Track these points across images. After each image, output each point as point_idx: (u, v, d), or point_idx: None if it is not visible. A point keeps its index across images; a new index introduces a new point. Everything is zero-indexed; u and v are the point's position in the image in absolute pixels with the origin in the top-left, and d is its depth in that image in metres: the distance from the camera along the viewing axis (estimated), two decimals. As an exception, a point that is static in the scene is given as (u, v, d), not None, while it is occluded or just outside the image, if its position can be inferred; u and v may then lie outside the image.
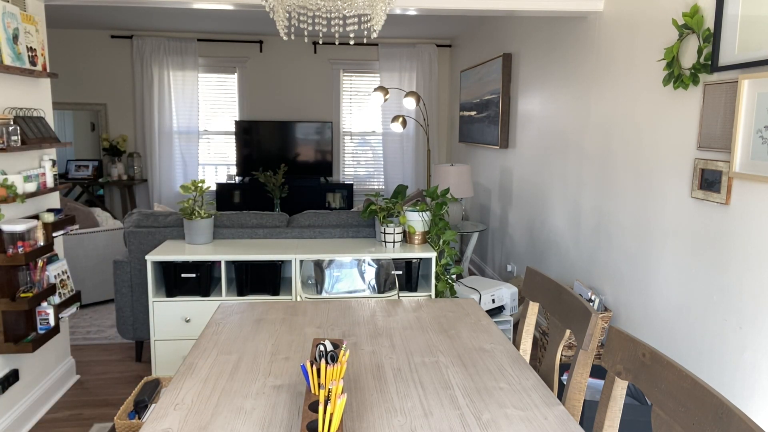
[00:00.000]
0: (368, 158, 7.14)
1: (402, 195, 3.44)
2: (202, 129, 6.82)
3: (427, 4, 3.09)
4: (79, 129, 6.71)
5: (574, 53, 3.55)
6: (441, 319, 2.01)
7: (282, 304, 2.16)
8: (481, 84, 5.31)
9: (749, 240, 2.11)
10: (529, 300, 1.92)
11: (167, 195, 6.76)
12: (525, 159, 4.40)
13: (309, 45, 6.79)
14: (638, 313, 2.85)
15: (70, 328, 4.02)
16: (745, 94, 2.05)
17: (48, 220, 2.69)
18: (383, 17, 1.99)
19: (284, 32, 2.07)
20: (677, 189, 2.53)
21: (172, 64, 6.54)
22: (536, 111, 4.17)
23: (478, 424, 1.30)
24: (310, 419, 1.18)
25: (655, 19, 2.69)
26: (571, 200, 3.61)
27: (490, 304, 3.44)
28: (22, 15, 2.57)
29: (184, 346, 3.12)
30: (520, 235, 4.51)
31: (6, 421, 2.57)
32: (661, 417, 1.19)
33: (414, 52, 6.82)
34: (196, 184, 3.25)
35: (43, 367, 2.92)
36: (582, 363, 1.54)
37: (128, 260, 3.35)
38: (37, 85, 2.84)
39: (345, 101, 6.97)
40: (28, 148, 2.50)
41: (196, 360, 1.63)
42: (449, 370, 1.59)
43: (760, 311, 2.06)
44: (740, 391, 2.16)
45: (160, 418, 1.31)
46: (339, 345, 1.49)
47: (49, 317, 2.67)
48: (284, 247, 3.21)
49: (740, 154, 2.08)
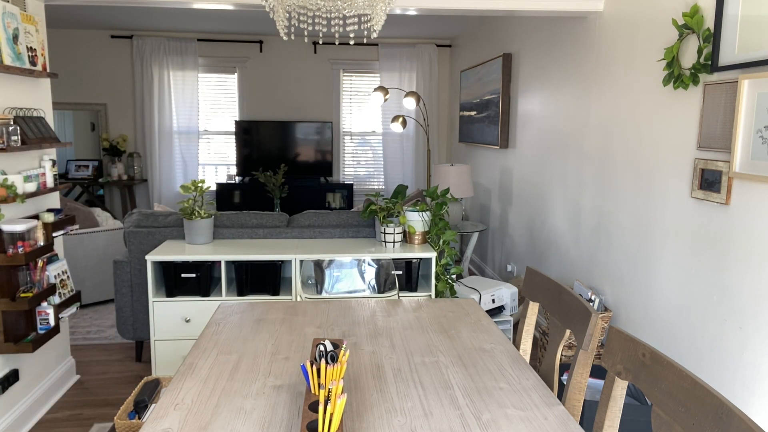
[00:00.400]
0: (368, 158, 7.14)
1: (402, 195, 3.44)
2: (202, 129, 6.82)
3: (427, 4, 3.09)
4: (79, 129, 6.71)
5: (574, 53, 3.55)
6: (441, 319, 2.01)
7: (282, 304, 2.16)
8: (481, 84, 5.31)
9: (749, 240, 2.11)
10: (529, 300, 1.92)
11: (167, 195, 6.76)
12: (525, 159, 4.40)
13: (309, 45, 6.79)
14: (638, 313, 2.85)
15: (70, 328, 4.02)
16: (745, 94, 2.05)
17: (48, 220, 2.69)
18: (383, 17, 1.99)
19: (284, 32, 2.07)
20: (677, 189, 2.53)
21: (172, 64, 6.54)
22: (536, 111, 4.17)
23: (478, 424, 1.30)
24: (310, 419, 1.18)
25: (655, 19, 2.69)
26: (571, 200, 3.61)
27: (490, 304, 3.44)
28: (22, 15, 2.57)
29: (184, 346, 3.12)
30: (520, 235, 4.51)
31: (6, 421, 2.57)
32: (661, 417, 1.19)
33: (414, 52, 6.82)
34: (196, 184, 3.25)
35: (43, 367, 2.92)
36: (582, 363, 1.54)
37: (128, 260, 3.35)
38: (37, 85, 2.84)
39: (345, 101, 6.97)
40: (28, 148, 2.50)
41: (196, 360, 1.63)
42: (449, 370, 1.59)
43: (760, 311, 2.06)
44: (740, 391, 2.16)
45: (160, 418, 1.31)
46: (339, 345, 1.49)
47: (49, 317, 2.67)
48: (284, 247, 3.21)
49: (740, 154, 2.08)
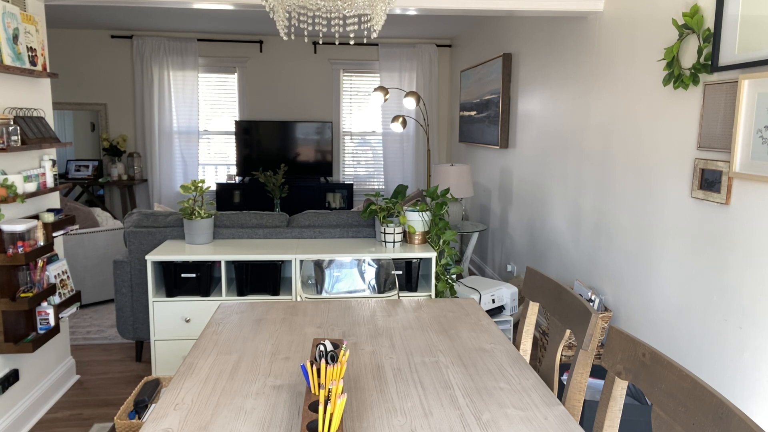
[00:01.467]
0: (368, 158, 7.14)
1: (402, 195, 3.44)
2: (202, 129, 6.82)
3: (427, 4, 3.09)
4: (79, 129, 6.71)
5: (574, 53, 3.55)
6: (441, 319, 2.01)
7: (282, 304, 2.16)
8: (481, 84, 5.31)
9: (749, 240, 2.11)
10: (529, 300, 1.92)
11: (167, 195, 6.76)
12: (525, 159, 4.40)
13: (309, 45, 6.79)
14: (638, 313, 2.85)
15: (70, 328, 4.02)
16: (745, 94, 2.05)
17: (48, 220, 2.69)
18: (383, 17, 1.99)
19: (284, 32, 2.07)
20: (677, 189, 2.53)
21: (172, 64, 6.54)
22: (536, 111, 4.17)
23: (478, 424, 1.30)
24: (310, 419, 1.18)
25: (655, 19, 2.69)
26: (571, 200, 3.61)
27: (490, 304, 3.44)
28: (22, 15, 2.57)
29: (184, 346, 3.12)
30: (520, 235, 4.51)
31: (6, 421, 2.57)
32: (661, 417, 1.19)
33: (414, 52, 6.82)
34: (196, 184, 3.25)
35: (43, 367, 2.92)
36: (582, 363, 1.54)
37: (128, 260, 3.35)
38: (37, 85, 2.84)
39: (345, 101, 6.97)
40: (28, 148, 2.50)
41: (196, 360, 1.63)
42: (449, 370, 1.59)
43: (760, 311, 2.06)
44: (740, 391, 2.16)
45: (160, 418, 1.31)
46: (339, 345, 1.49)
47: (49, 317, 2.67)
48: (284, 247, 3.21)
49: (740, 154, 2.08)
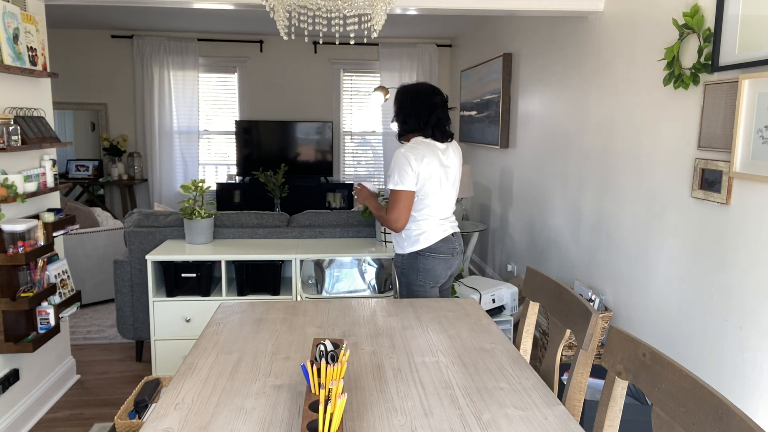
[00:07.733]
0: (368, 158, 7.14)
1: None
2: (202, 129, 6.82)
3: (427, 4, 3.09)
4: (79, 129, 6.71)
5: (574, 53, 3.55)
6: (441, 319, 2.01)
7: (282, 303, 2.16)
8: (482, 84, 5.31)
9: (749, 240, 2.11)
10: (530, 300, 1.92)
11: (167, 195, 6.76)
12: (525, 159, 4.40)
13: (309, 45, 6.79)
14: (638, 313, 2.85)
15: (71, 328, 4.03)
16: (746, 93, 2.05)
17: (48, 219, 2.69)
18: (383, 17, 1.99)
19: (284, 32, 2.07)
20: (677, 189, 2.52)
21: (172, 64, 6.54)
22: (536, 111, 4.16)
23: (478, 424, 1.30)
24: (310, 419, 1.18)
25: (656, 19, 2.69)
26: (571, 200, 3.61)
27: (491, 304, 3.44)
28: (22, 15, 2.57)
29: (184, 346, 3.12)
30: (521, 235, 4.51)
31: (6, 421, 2.57)
32: (661, 417, 1.19)
33: (414, 52, 6.82)
34: (196, 183, 3.25)
35: (44, 366, 2.92)
36: (582, 363, 1.54)
37: (128, 260, 3.35)
38: (37, 85, 2.84)
39: (345, 101, 6.97)
40: (28, 148, 2.50)
41: (197, 360, 1.63)
42: (449, 369, 1.59)
43: (760, 311, 2.06)
44: (740, 391, 2.16)
45: (161, 418, 1.31)
46: (339, 345, 1.49)
47: (50, 317, 2.67)
48: (284, 247, 3.21)
49: (741, 154, 2.08)
